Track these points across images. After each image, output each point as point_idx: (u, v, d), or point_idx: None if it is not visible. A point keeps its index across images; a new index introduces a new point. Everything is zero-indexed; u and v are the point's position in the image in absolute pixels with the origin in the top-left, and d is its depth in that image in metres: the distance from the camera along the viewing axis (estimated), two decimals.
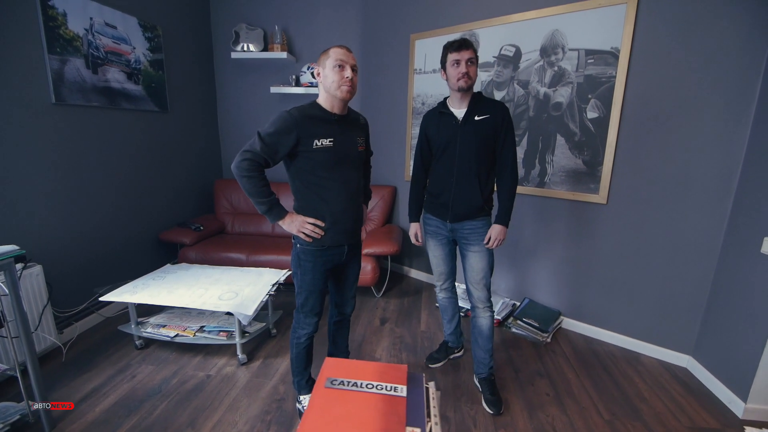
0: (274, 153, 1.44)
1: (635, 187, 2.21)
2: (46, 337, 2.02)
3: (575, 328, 2.56)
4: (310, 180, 1.52)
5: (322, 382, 0.74)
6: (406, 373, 0.77)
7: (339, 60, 1.45)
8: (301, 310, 1.66)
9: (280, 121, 1.43)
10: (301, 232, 1.53)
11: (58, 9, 2.10)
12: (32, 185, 2.06)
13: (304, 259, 1.59)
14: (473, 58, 1.67)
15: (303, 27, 3.34)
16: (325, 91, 1.51)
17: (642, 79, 2.10)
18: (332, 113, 1.52)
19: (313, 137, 1.46)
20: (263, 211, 1.49)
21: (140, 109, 2.70)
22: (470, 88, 1.72)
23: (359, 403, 0.68)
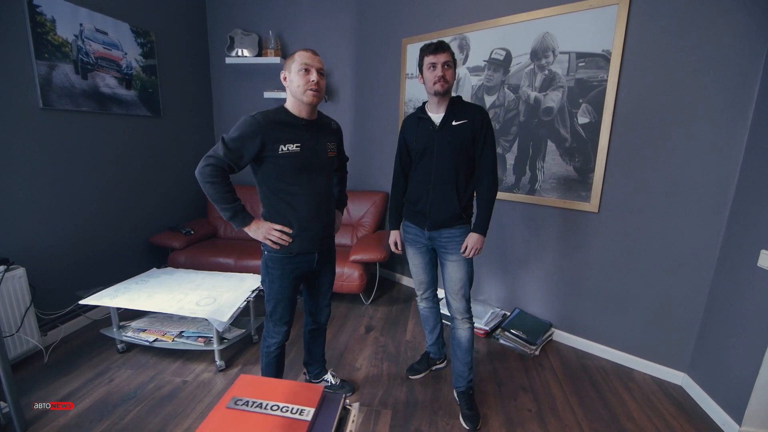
0: (239, 158, 1.41)
1: (627, 195, 2.12)
2: (28, 339, 2.04)
3: (566, 340, 2.46)
4: (276, 186, 1.49)
5: (227, 401, 0.71)
6: (320, 394, 0.73)
7: (304, 64, 1.43)
8: (270, 319, 1.63)
9: (244, 126, 1.40)
10: (267, 239, 1.50)
11: (46, 15, 2.14)
12: (17, 188, 2.09)
13: (272, 267, 1.56)
14: (450, 61, 1.62)
15: (297, 32, 3.34)
16: (291, 95, 1.48)
17: (634, 82, 2.02)
18: (300, 118, 1.49)
19: (278, 142, 1.43)
20: (228, 218, 1.46)
21: (132, 113, 2.73)
22: (447, 92, 1.67)
23: (256, 427, 0.64)
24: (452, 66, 1.64)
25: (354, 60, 3.25)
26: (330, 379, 1.94)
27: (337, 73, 3.33)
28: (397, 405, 1.89)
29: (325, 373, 1.95)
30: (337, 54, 3.29)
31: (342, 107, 3.37)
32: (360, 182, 3.40)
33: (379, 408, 1.87)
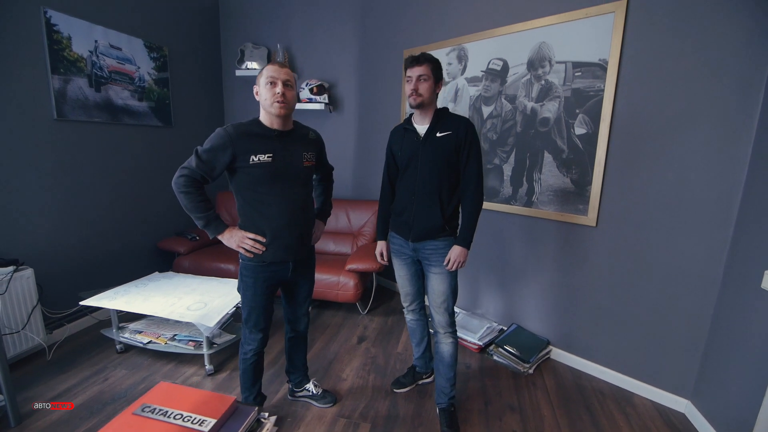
0: (211, 169, 1.46)
1: (626, 209, 2.03)
2: (33, 337, 2.16)
3: (564, 359, 2.36)
4: (250, 195, 1.52)
5: (136, 407, 0.72)
6: (229, 405, 0.73)
7: (270, 77, 1.46)
8: (245, 325, 1.65)
9: (215, 138, 1.45)
10: (240, 247, 1.53)
11: (63, 33, 2.30)
12: (30, 194, 2.23)
13: (246, 275, 1.59)
14: (426, 74, 1.61)
15: (304, 44, 3.43)
16: (262, 108, 1.52)
17: (632, 92, 1.94)
18: (272, 129, 1.52)
19: (249, 153, 1.46)
20: (202, 226, 1.50)
21: (143, 124, 2.88)
22: (422, 105, 1.66)
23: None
24: (429, 79, 1.62)
25: (358, 71, 3.30)
26: (311, 389, 1.94)
27: (341, 84, 3.39)
28: (377, 419, 1.86)
29: (307, 382, 1.95)
30: (341, 65, 3.35)
31: (346, 117, 3.42)
32: (363, 191, 3.42)
33: (358, 421, 1.85)
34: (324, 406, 1.92)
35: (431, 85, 1.62)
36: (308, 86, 3.23)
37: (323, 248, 3.24)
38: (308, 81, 3.26)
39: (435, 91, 1.65)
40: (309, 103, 3.27)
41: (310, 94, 3.24)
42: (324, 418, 1.86)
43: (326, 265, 2.84)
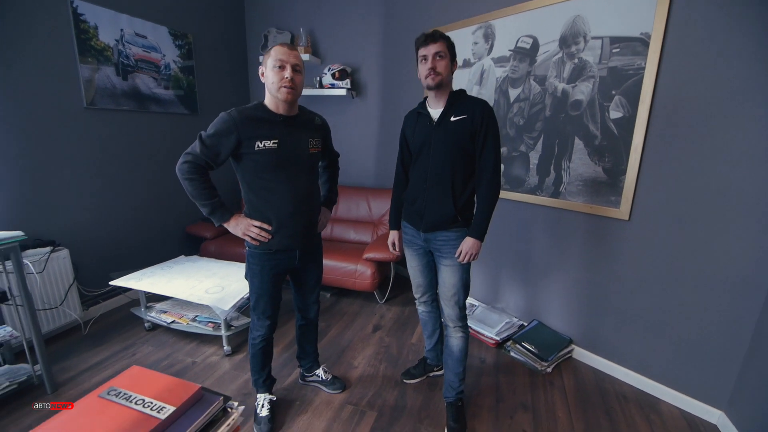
0: (215, 155, 1.43)
1: (663, 202, 1.84)
2: (71, 313, 2.32)
3: (587, 359, 2.23)
4: (255, 182, 1.49)
5: (103, 390, 0.73)
6: (192, 393, 0.72)
7: (279, 60, 1.40)
8: (253, 312, 1.67)
9: (219, 123, 1.41)
10: (246, 235, 1.52)
11: (89, 23, 2.37)
12: (64, 179, 2.36)
13: (252, 263, 1.59)
14: (443, 51, 1.51)
15: (327, 28, 3.35)
16: (267, 90, 1.47)
17: (677, 70, 1.73)
18: (277, 114, 1.48)
19: (255, 139, 1.42)
20: (207, 214, 1.49)
21: (169, 112, 2.95)
22: (441, 86, 1.55)
23: (110, 417, 0.66)
24: (446, 56, 1.52)
25: (381, 55, 3.19)
26: (321, 374, 1.96)
27: (365, 69, 3.29)
28: (384, 408, 1.86)
29: (317, 368, 1.98)
30: (364, 49, 3.25)
31: (369, 103, 3.33)
32: (385, 179, 3.35)
33: (365, 409, 1.85)
34: (333, 392, 1.94)
35: (448, 63, 1.52)
36: (330, 71, 3.17)
37: (343, 236, 3.24)
38: (330, 66, 3.20)
39: (452, 70, 1.54)
40: (331, 88, 3.21)
41: (332, 79, 3.18)
42: (332, 404, 1.87)
43: (345, 253, 2.83)
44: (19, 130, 2.13)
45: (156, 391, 0.73)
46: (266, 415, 1.72)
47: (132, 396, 0.71)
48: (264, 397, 1.78)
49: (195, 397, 0.73)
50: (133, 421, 0.65)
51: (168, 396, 0.71)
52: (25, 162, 2.17)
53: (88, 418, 0.66)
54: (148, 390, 0.73)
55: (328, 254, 2.82)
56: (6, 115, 2.07)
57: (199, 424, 0.71)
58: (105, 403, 0.70)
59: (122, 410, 0.68)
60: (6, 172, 2.10)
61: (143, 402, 0.70)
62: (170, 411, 0.68)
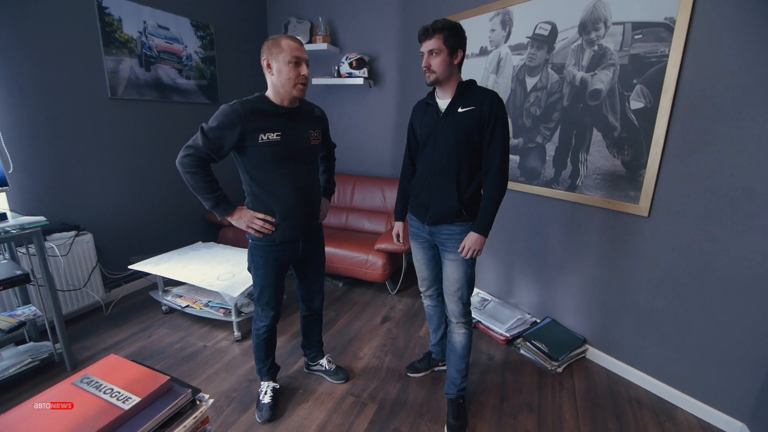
0: (219, 148, 1.42)
1: (686, 198, 1.73)
2: (93, 294, 2.45)
3: (601, 360, 2.14)
4: (258, 175, 1.50)
5: (79, 377, 0.76)
6: (159, 385, 0.74)
7: (295, 57, 1.39)
8: (258, 303, 1.69)
9: (222, 116, 1.40)
10: (250, 228, 1.53)
11: (113, 15, 2.45)
12: (88, 166, 2.47)
13: (256, 254, 1.60)
14: (437, 48, 1.46)
15: (346, 17, 3.33)
16: (273, 84, 1.45)
17: (703, 57, 1.61)
18: (281, 106, 1.47)
19: (258, 131, 1.42)
20: (210, 207, 1.49)
21: (191, 101, 3.03)
22: (436, 83, 1.53)
23: (77, 404, 0.68)
24: (441, 52, 1.46)
25: (400, 43, 3.14)
26: (325, 364, 1.98)
27: (383, 58, 3.26)
28: (385, 401, 1.85)
29: (321, 357, 2.00)
30: (383, 38, 3.21)
31: (386, 92, 3.30)
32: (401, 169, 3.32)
33: (366, 400, 1.85)
34: (336, 382, 1.96)
35: (445, 58, 1.46)
36: (348, 60, 3.16)
37: (358, 226, 3.25)
38: (348, 55, 3.18)
39: (452, 63, 1.49)
40: (348, 77, 3.20)
41: (349, 68, 3.16)
42: (334, 394, 1.89)
43: (357, 242, 2.84)
44: (47, 121, 2.24)
45: (126, 381, 0.74)
46: (268, 402, 1.75)
47: (102, 385, 0.73)
48: (267, 384, 1.81)
49: (163, 388, 0.74)
50: (98, 409, 0.67)
51: (136, 386, 0.73)
52: (53, 150, 2.29)
53: (57, 404, 0.69)
54: (119, 380, 0.75)
55: (340, 243, 2.84)
56: (36, 106, 2.18)
57: (163, 415, 0.72)
58: (76, 390, 0.72)
59: (90, 398, 0.70)
60: (35, 159, 2.22)
61: (111, 391, 0.72)
62: (135, 402, 0.70)
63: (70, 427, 0.64)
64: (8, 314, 1.91)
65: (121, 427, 0.66)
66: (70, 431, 0.63)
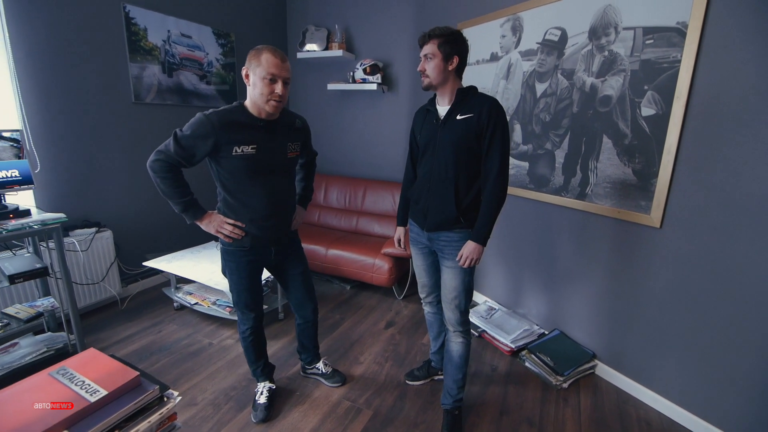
0: (190, 156, 1.40)
1: (700, 209, 1.64)
2: (110, 289, 2.56)
3: (610, 377, 2.05)
4: (231, 185, 1.48)
5: (56, 368, 0.79)
6: (128, 380, 0.76)
7: (270, 73, 1.35)
8: (236, 307, 1.70)
9: (197, 125, 1.37)
10: (219, 232, 1.51)
11: (140, 25, 2.59)
12: (110, 167, 2.60)
13: (228, 260, 1.60)
14: (431, 53, 1.48)
15: (362, 24, 3.38)
16: (250, 95, 1.44)
17: (717, 63, 1.53)
18: (258, 118, 1.45)
19: (232, 144, 1.39)
20: (179, 211, 1.49)
21: (210, 106, 3.10)
22: (430, 87, 1.54)
23: (48, 394, 0.71)
24: (435, 57, 1.47)
25: (413, 50, 3.15)
26: (321, 368, 1.99)
27: (396, 64, 3.29)
28: (380, 408, 1.84)
29: (317, 361, 2.00)
30: (397, 44, 3.24)
31: (400, 98, 3.32)
32: None
33: (362, 406, 1.84)
34: (333, 385, 1.96)
35: (438, 63, 1.47)
36: (362, 66, 3.20)
37: (368, 229, 3.26)
38: (363, 61, 3.23)
39: (446, 69, 1.48)
40: (362, 83, 3.24)
41: (363, 74, 3.20)
42: (330, 398, 1.89)
43: (365, 246, 2.85)
44: (74, 123, 2.38)
45: (98, 374, 0.77)
46: (264, 402, 1.77)
47: (76, 377, 0.76)
48: (264, 385, 1.83)
49: (131, 383, 0.76)
50: (70, 400, 0.70)
51: (105, 380, 0.75)
52: (78, 151, 2.42)
53: (29, 393, 0.73)
54: (92, 373, 0.78)
55: (348, 246, 2.86)
56: (64, 109, 2.32)
57: (129, 409, 0.74)
58: (51, 380, 0.76)
59: (62, 389, 0.73)
60: (61, 159, 2.35)
61: (83, 383, 0.75)
62: (102, 395, 0.72)
63: (38, 415, 0.68)
64: (28, 305, 2.02)
65: (85, 419, 0.69)
66: (36, 419, 0.66)
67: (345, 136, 3.68)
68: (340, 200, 3.47)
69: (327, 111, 3.72)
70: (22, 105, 2.14)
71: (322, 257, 2.89)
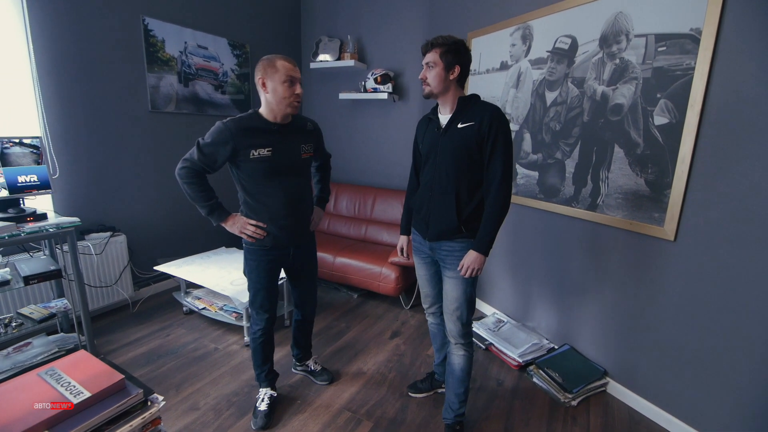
0: (213, 162, 1.52)
1: (716, 222, 1.57)
2: (122, 292, 2.62)
3: (623, 396, 1.97)
4: (250, 187, 1.58)
5: (45, 368, 0.80)
6: (113, 382, 0.76)
7: (289, 76, 1.47)
8: (252, 306, 1.75)
9: (216, 133, 1.49)
10: (242, 233, 1.61)
11: (158, 37, 2.68)
12: (126, 173, 2.67)
13: (249, 258, 1.68)
14: (432, 61, 1.47)
15: (374, 35, 3.41)
16: (268, 102, 1.52)
17: (732, 70, 1.48)
18: (273, 123, 1.55)
19: (249, 148, 1.49)
20: (205, 214, 1.59)
21: (225, 115, 3.19)
22: (430, 96, 1.54)
23: (34, 393, 0.72)
24: (436, 66, 1.47)
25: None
26: (311, 365, 2.07)
27: (407, 73, 3.30)
28: (381, 419, 1.81)
29: (308, 358, 2.08)
30: (408, 54, 3.26)
31: (411, 107, 3.33)
32: None
33: (362, 417, 1.82)
34: (321, 383, 2.02)
35: (439, 72, 1.46)
36: (373, 76, 3.22)
37: (376, 238, 3.25)
38: (374, 71, 3.25)
39: (447, 78, 1.48)
40: (374, 92, 3.26)
41: (374, 83, 3.22)
42: (330, 408, 1.87)
43: (372, 254, 2.84)
44: (92, 131, 2.47)
45: (84, 376, 0.78)
46: (264, 409, 1.77)
47: (63, 378, 0.78)
48: (265, 391, 1.83)
49: (115, 387, 0.77)
50: (50, 401, 0.72)
51: (90, 382, 0.76)
52: (96, 158, 2.51)
53: (16, 392, 0.74)
54: (79, 375, 0.79)
55: (356, 254, 2.86)
56: (83, 117, 2.41)
57: (111, 412, 0.74)
58: (38, 380, 0.78)
59: (47, 389, 0.75)
60: (79, 165, 2.44)
61: (68, 385, 0.76)
62: (85, 396, 0.73)
63: (20, 415, 0.69)
64: (43, 306, 2.08)
65: (67, 420, 0.70)
66: (17, 419, 0.67)
67: (356, 144, 3.71)
68: (349, 208, 3.48)
69: (338, 120, 3.76)
70: (44, 113, 2.23)
71: (330, 265, 2.90)
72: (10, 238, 1.76)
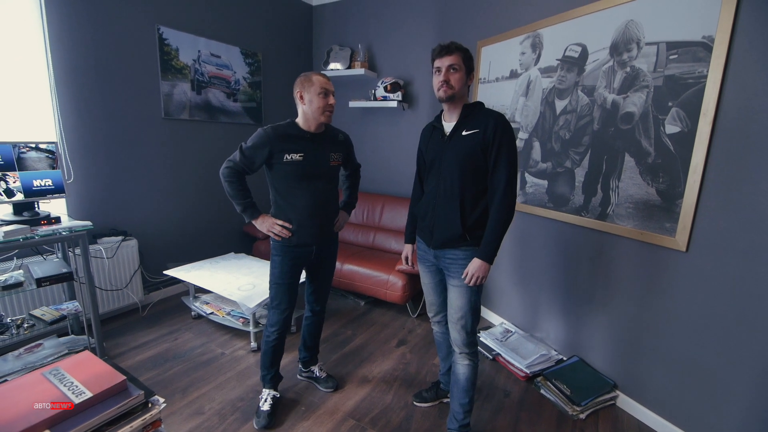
0: (252, 163, 1.67)
1: (729, 233, 1.53)
2: (132, 296, 2.65)
3: (633, 410, 1.92)
4: (281, 188, 1.71)
5: (49, 369, 0.81)
6: (114, 384, 0.76)
7: (324, 89, 1.62)
8: (270, 305, 1.81)
9: (257, 138, 1.65)
10: (270, 231, 1.72)
11: (172, 45, 2.74)
12: (139, 178, 2.72)
13: (275, 253, 1.78)
14: (457, 64, 1.46)
15: (384, 43, 3.45)
16: (304, 112, 1.66)
17: (746, 78, 1.45)
18: (306, 131, 1.68)
19: (284, 152, 1.64)
20: (240, 211, 1.73)
21: (236, 122, 3.26)
22: (452, 99, 1.51)
23: (37, 392, 0.73)
24: (460, 69, 1.47)
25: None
26: (316, 371, 2.07)
27: (417, 82, 3.32)
28: (385, 428, 1.79)
29: (313, 364, 2.09)
30: (417, 62, 3.28)
31: (420, 115, 3.34)
32: None
33: (366, 426, 1.80)
34: (325, 390, 2.02)
35: (462, 76, 1.47)
36: (383, 84, 3.25)
37: (384, 245, 3.25)
38: (384, 79, 3.28)
39: (467, 84, 1.49)
40: (383, 101, 3.28)
41: (384, 92, 3.24)
42: (335, 415, 1.86)
43: (379, 262, 2.83)
44: (106, 137, 2.52)
45: (87, 377, 0.79)
46: (267, 410, 1.79)
47: (66, 378, 0.79)
48: (268, 392, 1.85)
49: (117, 387, 0.78)
50: (57, 399, 0.72)
51: (93, 383, 0.77)
52: (110, 163, 2.56)
53: (21, 391, 0.76)
54: (82, 375, 0.80)
55: (363, 261, 2.86)
56: (97, 123, 2.47)
57: (111, 413, 0.75)
58: (42, 380, 0.79)
59: (51, 389, 0.76)
60: (93, 171, 2.49)
61: (71, 385, 0.77)
62: (87, 397, 0.74)
63: (22, 413, 0.69)
64: (54, 307, 2.12)
65: (68, 420, 0.71)
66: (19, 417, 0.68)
67: (365, 152, 3.72)
68: (358, 215, 3.49)
69: (348, 128, 3.74)
70: (60, 119, 2.29)
71: (338, 272, 2.89)
72: (25, 241, 1.81)
